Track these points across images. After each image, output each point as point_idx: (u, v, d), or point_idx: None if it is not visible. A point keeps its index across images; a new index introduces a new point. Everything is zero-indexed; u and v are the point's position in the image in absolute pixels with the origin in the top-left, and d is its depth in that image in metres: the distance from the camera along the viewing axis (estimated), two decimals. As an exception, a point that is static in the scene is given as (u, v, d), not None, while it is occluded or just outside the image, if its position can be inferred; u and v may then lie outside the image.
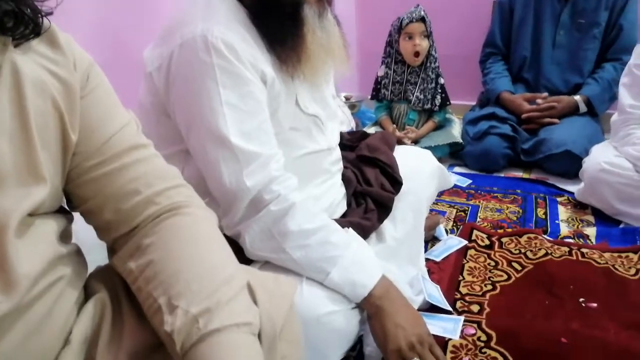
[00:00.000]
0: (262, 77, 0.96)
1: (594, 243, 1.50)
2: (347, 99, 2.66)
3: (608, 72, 2.10)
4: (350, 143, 1.40)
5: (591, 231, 1.56)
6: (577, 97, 2.08)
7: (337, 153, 1.22)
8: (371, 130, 2.27)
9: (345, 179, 1.23)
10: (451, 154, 2.21)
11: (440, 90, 2.23)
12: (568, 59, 2.17)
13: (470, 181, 1.98)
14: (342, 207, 1.19)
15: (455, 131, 2.25)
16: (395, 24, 2.22)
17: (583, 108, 2.08)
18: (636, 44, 1.84)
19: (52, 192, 0.60)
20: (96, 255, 0.77)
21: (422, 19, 2.14)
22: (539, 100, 2.12)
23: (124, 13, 1.39)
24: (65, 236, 0.66)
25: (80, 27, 1.21)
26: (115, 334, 0.61)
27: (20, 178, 0.55)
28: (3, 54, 0.54)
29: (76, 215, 0.69)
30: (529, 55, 2.23)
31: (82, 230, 0.73)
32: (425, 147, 2.09)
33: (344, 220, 1.12)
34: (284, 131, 1.04)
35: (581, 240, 1.52)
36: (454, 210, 1.74)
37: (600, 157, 1.62)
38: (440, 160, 2.02)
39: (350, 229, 1.05)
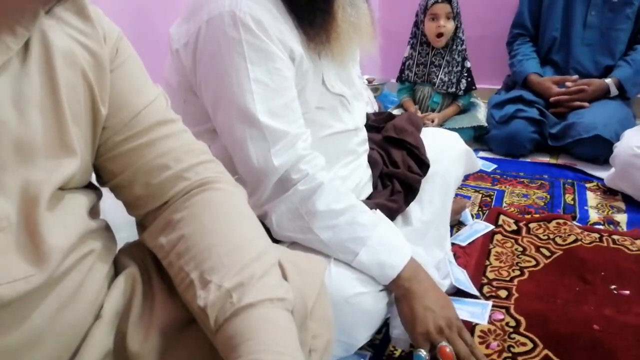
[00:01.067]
0: (290, 54, 0.94)
1: (625, 230, 1.46)
2: (369, 81, 2.62)
3: (641, 55, 2.02)
4: (376, 124, 1.37)
5: (622, 218, 1.52)
6: (608, 80, 2.02)
7: (364, 134, 1.20)
8: (394, 112, 2.24)
9: (371, 161, 1.21)
10: (476, 138, 2.17)
11: (466, 74, 2.18)
12: (599, 40, 2.10)
13: (495, 166, 1.94)
14: (369, 189, 1.18)
15: (481, 115, 2.21)
16: (422, 4, 2.17)
17: (614, 91, 2.01)
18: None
19: (82, 166, 0.59)
20: (124, 233, 0.77)
21: (449, 1, 2.08)
22: (569, 83, 2.06)
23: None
24: (94, 212, 0.65)
25: (105, 3, 1.20)
26: (146, 309, 0.60)
27: (51, 150, 0.55)
28: (33, 23, 0.53)
29: (104, 195, 0.69)
30: (558, 37, 2.16)
31: (110, 210, 0.73)
32: (449, 129, 2.07)
33: (370, 202, 1.10)
34: (311, 110, 1.02)
35: (611, 226, 1.48)
36: (479, 195, 1.71)
37: (633, 142, 1.57)
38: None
39: (378, 210, 1.03)
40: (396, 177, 1.20)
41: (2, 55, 0.50)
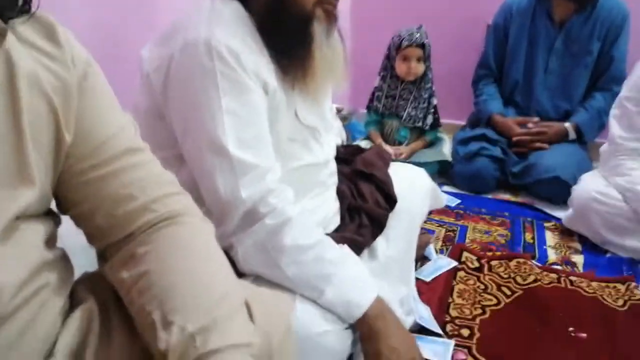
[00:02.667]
0: (264, 86, 0.93)
1: (582, 271, 1.50)
2: (338, 110, 2.64)
3: (598, 101, 2.12)
4: (345, 156, 1.38)
5: (578, 259, 1.57)
6: (567, 124, 2.10)
7: (333, 166, 1.20)
8: (362, 144, 2.26)
9: (340, 193, 1.21)
10: (440, 172, 2.21)
11: (432, 111, 2.23)
12: (559, 85, 2.19)
13: (459, 201, 1.98)
14: (336, 221, 1.17)
15: (446, 150, 2.26)
16: (395, 41, 2.20)
17: (572, 135, 2.10)
18: (626, 76, 1.88)
19: (41, 195, 0.56)
20: (82, 259, 0.73)
21: (422, 45, 2.14)
22: (530, 124, 2.14)
23: (120, 11, 1.35)
24: (51, 240, 0.62)
25: (77, 24, 1.17)
26: (103, 348, 0.57)
27: (7, 179, 0.52)
28: None
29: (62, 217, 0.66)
30: (521, 79, 2.24)
31: (67, 234, 0.69)
32: (415, 163, 2.10)
33: (337, 235, 1.09)
34: (282, 141, 1.02)
35: (569, 267, 1.52)
36: (443, 230, 1.73)
37: (591, 186, 1.63)
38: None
39: (346, 245, 1.02)
40: (364, 210, 1.20)
41: None
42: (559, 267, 1.50)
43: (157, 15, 1.44)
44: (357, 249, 1.11)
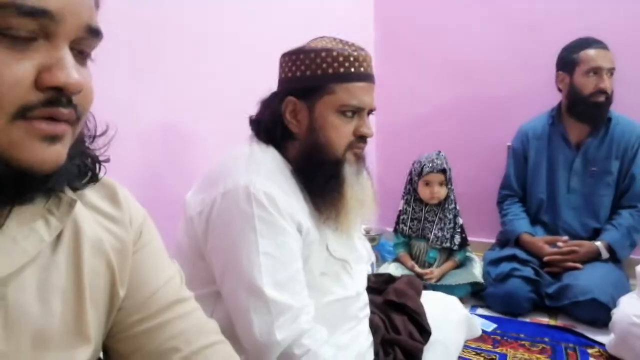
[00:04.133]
0: (298, 227, 0.99)
1: (634, 405, 1.40)
2: (366, 232, 2.69)
3: (625, 219, 2.11)
4: (376, 286, 1.39)
5: (629, 390, 1.47)
6: (598, 243, 2.08)
7: (365, 298, 1.21)
8: (391, 266, 2.27)
9: (373, 326, 1.20)
10: (472, 294, 2.17)
11: (459, 230, 2.26)
12: (584, 204, 2.20)
13: (495, 325, 1.92)
14: (370, 356, 1.15)
15: (476, 270, 2.23)
16: (417, 167, 2.29)
17: (605, 254, 2.06)
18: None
19: (94, 351, 0.59)
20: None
21: (443, 170, 2.23)
22: (560, 244, 2.13)
23: (165, 159, 1.48)
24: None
25: (125, 169, 1.29)
26: None
27: (67, 339, 0.55)
28: (68, 215, 0.56)
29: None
30: (545, 199, 2.27)
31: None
32: (447, 286, 2.09)
33: (372, 373, 1.08)
34: (315, 277, 1.05)
35: (620, 400, 1.42)
36: (482, 359, 1.66)
37: (630, 309, 1.58)
38: (461, 300, 1.99)
39: (381, 385, 1.01)
40: (398, 344, 1.18)
41: (35, 247, 0.52)
42: (609, 401, 1.41)
43: (196, 162, 1.57)
44: (393, 387, 1.08)
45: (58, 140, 0.49)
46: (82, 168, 0.59)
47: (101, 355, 0.68)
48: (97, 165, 0.62)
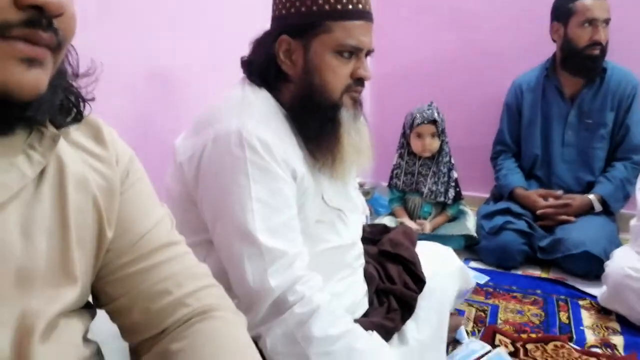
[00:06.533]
0: (292, 173, 0.96)
1: (622, 354, 1.42)
2: (360, 185, 2.68)
3: (619, 171, 2.10)
4: (371, 236, 1.38)
5: (618, 340, 1.49)
6: (591, 196, 2.07)
7: (360, 247, 1.19)
8: (385, 219, 2.26)
9: (367, 275, 1.19)
10: (465, 248, 2.18)
11: (453, 184, 2.24)
12: (578, 157, 2.19)
13: (488, 278, 1.93)
14: (365, 305, 1.15)
15: (470, 224, 2.23)
16: (408, 120, 2.25)
17: (598, 207, 2.06)
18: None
19: (82, 292, 0.57)
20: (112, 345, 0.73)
21: (434, 121, 2.18)
22: (552, 199, 2.12)
23: (152, 101, 1.43)
24: (87, 334, 0.62)
25: (113, 114, 1.24)
26: None
27: (52, 278, 0.53)
28: (51, 150, 0.53)
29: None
30: (539, 154, 2.25)
31: (98, 323, 0.70)
32: (440, 236, 2.08)
33: (366, 321, 1.07)
34: (310, 225, 1.02)
35: (609, 350, 1.44)
36: (474, 310, 1.68)
37: (624, 262, 1.58)
38: (455, 252, 1.99)
39: (375, 332, 1.00)
40: (392, 293, 1.18)
41: (17, 183, 0.50)
42: (598, 350, 1.43)
43: (188, 105, 1.52)
44: (387, 334, 1.08)
45: (38, 65, 0.46)
46: (66, 104, 0.57)
47: (90, 298, 0.66)
48: (82, 103, 0.60)
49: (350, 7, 0.97)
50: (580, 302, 1.74)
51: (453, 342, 1.44)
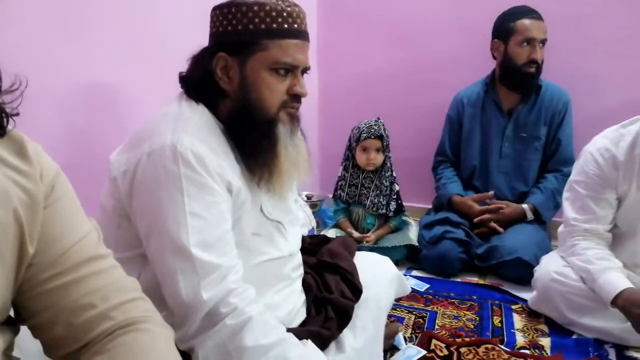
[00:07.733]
0: (227, 186, 0.97)
1: (549, 354, 1.51)
2: (308, 198, 2.71)
3: (550, 182, 2.23)
4: (311, 247, 1.41)
5: (546, 342, 1.58)
6: (524, 206, 2.20)
7: (298, 258, 1.22)
8: (331, 232, 2.30)
9: (305, 285, 1.22)
10: (408, 257, 2.24)
11: (395, 197, 2.30)
12: (514, 168, 2.31)
13: (427, 285, 2.00)
14: (302, 315, 1.17)
15: (412, 234, 2.30)
16: (355, 133, 2.31)
17: (530, 216, 2.19)
18: (574, 157, 2.00)
19: (1, 308, 0.57)
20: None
21: (380, 136, 2.24)
22: (487, 200, 2.23)
23: (91, 116, 1.41)
24: (9, 349, 0.62)
25: (47, 130, 1.22)
26: None
27: None
28: None
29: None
30: (477, 164, 2.37)
31: (23, 337, 0.69)
32: (383, 248, 2.14)
33: (303, 330, 1.10)
34: (246, 237, 1.04)
35: (537, 351, 1.53)
36: (413, 317, 1.73)
37: (551, 267, 1.68)
38: (397, 263, 2.05)
39: (309, 341, 1.02)
40: (330, 302, 1.21)
41: None
42: (527, 352, 1.51)
43: (127, 120, 1.51)
44: (324, 342, 1.10)
45: None
46: None
47: (12, 313, 0.66)
48: (5, 119, 0.59)
49: (286, 26, 1.01)
50: (513, 307, 1.83)
51: (391, 349, 1.48)
